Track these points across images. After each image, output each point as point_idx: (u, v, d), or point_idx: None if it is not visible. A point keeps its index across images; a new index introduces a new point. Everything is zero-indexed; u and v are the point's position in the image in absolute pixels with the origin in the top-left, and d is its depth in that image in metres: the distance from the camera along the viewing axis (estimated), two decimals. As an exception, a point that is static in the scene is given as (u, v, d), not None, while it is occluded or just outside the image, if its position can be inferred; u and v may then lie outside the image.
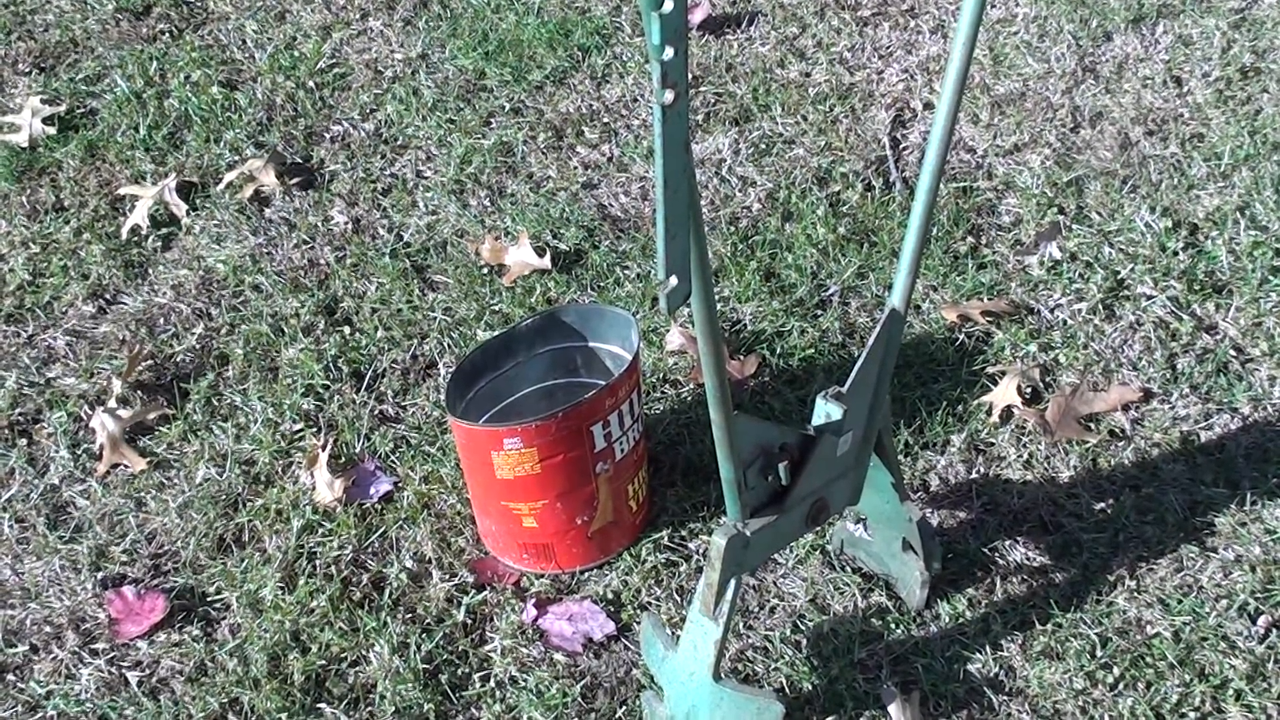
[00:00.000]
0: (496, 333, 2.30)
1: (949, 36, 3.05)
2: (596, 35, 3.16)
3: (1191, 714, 1.85)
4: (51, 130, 3.02)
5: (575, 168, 2.84)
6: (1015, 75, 2.93)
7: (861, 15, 3.17)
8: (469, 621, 2.03)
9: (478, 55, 3.14)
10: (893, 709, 1.84)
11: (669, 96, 1.08)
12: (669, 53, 1.06)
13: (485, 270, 2.62)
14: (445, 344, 2.48)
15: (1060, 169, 2.70)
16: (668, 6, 1.04)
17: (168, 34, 3.29)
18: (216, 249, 2.73)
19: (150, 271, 2.69)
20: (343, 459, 2.29)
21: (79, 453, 2.35)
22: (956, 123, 1.52)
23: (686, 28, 1.07)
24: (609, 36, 3.17)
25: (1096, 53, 2.98)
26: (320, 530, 2.18)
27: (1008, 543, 2.07)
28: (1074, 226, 2.59)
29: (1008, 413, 2.26)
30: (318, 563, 2.13)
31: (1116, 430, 2.21)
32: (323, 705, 1.94)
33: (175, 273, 2.68)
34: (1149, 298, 2.43)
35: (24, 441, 2.38)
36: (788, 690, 1.90)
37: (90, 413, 2.40)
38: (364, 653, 2.00)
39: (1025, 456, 2.19)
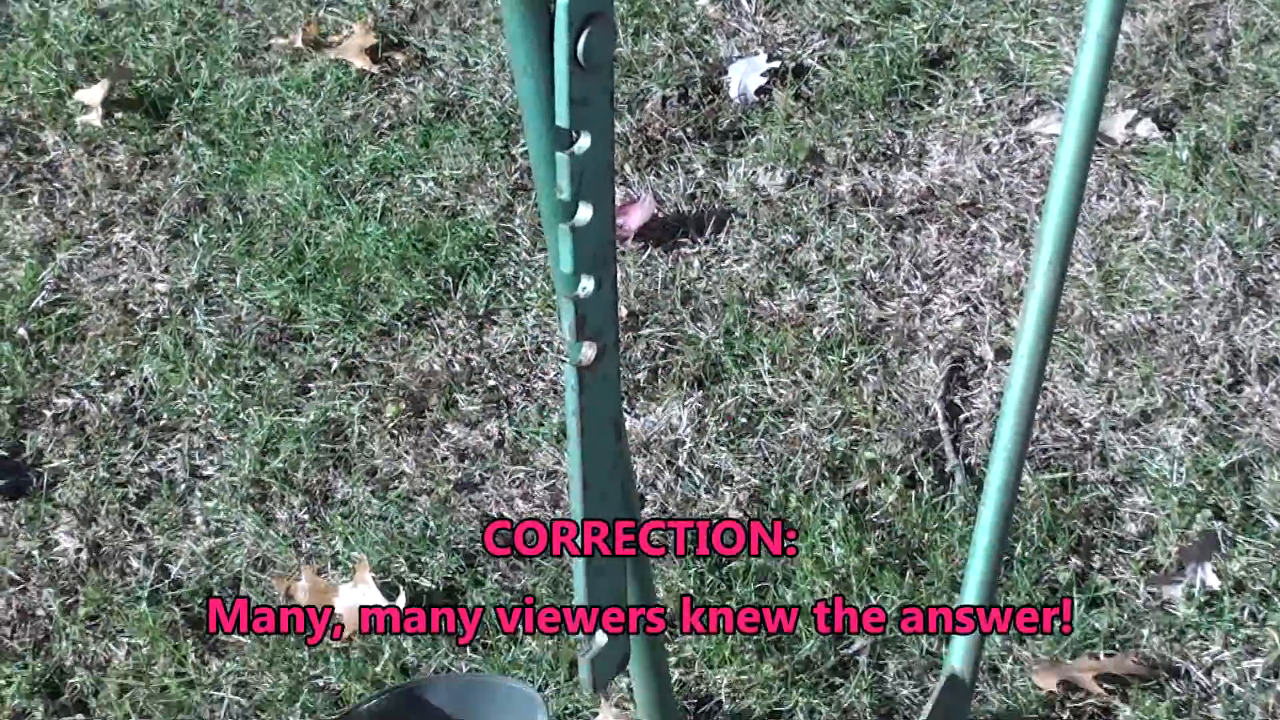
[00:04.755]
0: (321, 723, 2.26)
1: (1031, 244, 3.13)
2: (476, 250, 3.26)
3: None
4: None
5: (444, 459, 2.92)
6: (1139, 304, 3.02)
7: (894, 214, 3.26)
8: None
9: (287, 283, 3.23)
10: None
11: (589, 353, 1.13)
12: (587, 286, 1.10)
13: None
14: (238, 744, 2.50)
15: (1215, 449, 2.78)
16: (584, 215, 1.08)
17: None
18: None
19: None
20: None
21: None
22: (1048, 376, 1.53)
23: (615, 245, 1.10)
24: (495, 251, 3.27)
25: (1265, 266, 3.09)
26: None
27: None
28: (1239, 538, 2.65)
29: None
30: None
31: None
32: None
33: None
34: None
35: None
36: None
37: None
38: None
39: None
